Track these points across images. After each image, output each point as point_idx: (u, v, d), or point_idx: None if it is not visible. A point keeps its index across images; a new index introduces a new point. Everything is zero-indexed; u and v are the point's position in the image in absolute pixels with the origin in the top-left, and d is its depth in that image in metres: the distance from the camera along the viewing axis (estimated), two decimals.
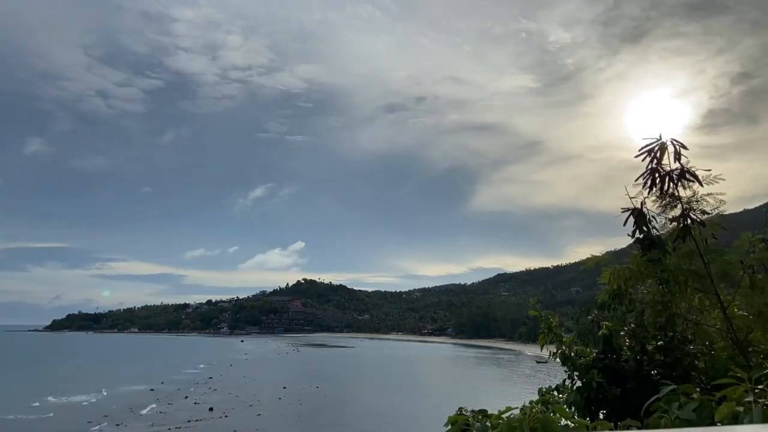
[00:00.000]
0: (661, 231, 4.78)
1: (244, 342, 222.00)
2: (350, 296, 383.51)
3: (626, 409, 4.74)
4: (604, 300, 5.46)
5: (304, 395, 66.32)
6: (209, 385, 76.16)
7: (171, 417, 51.43)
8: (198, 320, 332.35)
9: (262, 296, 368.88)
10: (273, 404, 59.77)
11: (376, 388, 74.05)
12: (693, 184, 4.47)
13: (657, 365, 5.13)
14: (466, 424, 3.28)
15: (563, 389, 5.63)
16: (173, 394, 66.47)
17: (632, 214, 4.73)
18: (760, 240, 4.47)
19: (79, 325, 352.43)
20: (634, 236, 4.78)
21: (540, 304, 6.23)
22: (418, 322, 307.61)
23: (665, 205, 4.58)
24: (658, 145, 4.50)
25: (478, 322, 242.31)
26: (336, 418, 51.45)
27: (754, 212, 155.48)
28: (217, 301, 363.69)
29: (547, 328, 5.95)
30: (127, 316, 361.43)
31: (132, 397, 62.81)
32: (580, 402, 5.21)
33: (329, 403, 60.86)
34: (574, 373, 5.48)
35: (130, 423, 48.87)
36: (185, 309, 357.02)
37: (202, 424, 48.26)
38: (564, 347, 5.76)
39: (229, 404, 58.73)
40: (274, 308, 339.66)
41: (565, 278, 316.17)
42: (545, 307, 6.42)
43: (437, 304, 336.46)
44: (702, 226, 4.44)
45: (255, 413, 53.73)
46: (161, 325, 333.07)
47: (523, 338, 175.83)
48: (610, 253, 5.54)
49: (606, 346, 5.45)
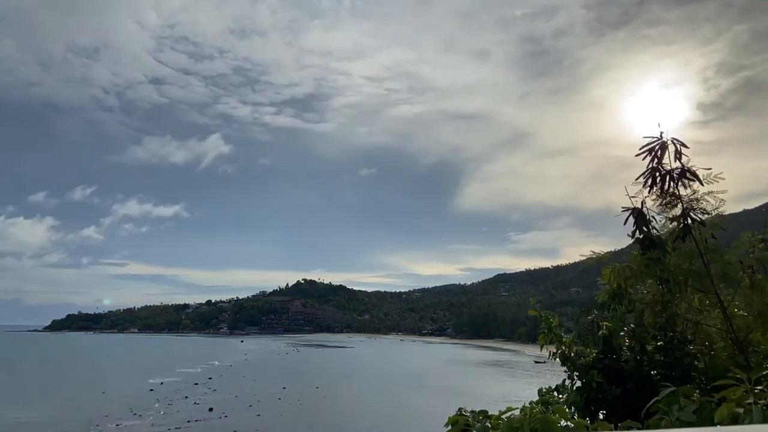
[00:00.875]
0: (661, 231, 4.77)
1: (243, 342, 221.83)
2: (350, 296, 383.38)
3: (626, 409, 4.73)
4: (604, 300, 5.45)
5: (304, 395, 66.33)
6: (209, 386, 76.13)
7: (171, 417, 51.42)
8: (198, 320, 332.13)
9: (262, 296, 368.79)
10: (273, 404, 59.76)
11: (376, 388, 74.06)
12: (693, 183, 4.47)
13: (657, 365, 5.13)
14: (466, 424, 3.27)
15: (563, 389, 5.63)
16: (173, 395, 66.44)
17: (632, 214, 4.72)
18: (759, 240, 4.47)
19: (78, 325, 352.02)
20: (634, 236, 4.77)
21: (540, 304, 6.22)
22: (418, 323, 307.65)
23: (665, 204, 4.57)
24: (659, 144, 4.49)
25: (478, 322, 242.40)
26: (336, 418, 51.45)
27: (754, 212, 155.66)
28: (217, 301, 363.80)
29: (546, 328, 5.95)
30: (127, 317, 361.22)
31: (132, 397, 62.77)
32: (580, 402, 5.21)
33: (329, 404, 60.86)
34: (574, 373, 5.47)
35: (129, 423, 48.84)
36: (185, 309, 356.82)
37: (202, 425, 48.26)
38: (564, 347, 5.75)
39: (229, 404, 58.73)
40: (273, 308, 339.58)
41: (564, 278, 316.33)
42: (545, 308, 6.41)
43: (437, 305, 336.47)
44: (702, 225, 4.43)
45: (255, 413, 53.72)
46: (161, 326, 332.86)
47: (523, 338, 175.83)
48: (610, 252, 5.53)
49: (606, 347, 5.44)
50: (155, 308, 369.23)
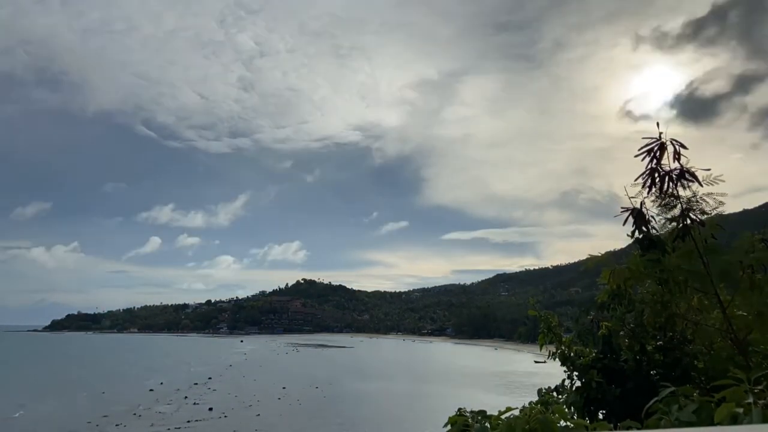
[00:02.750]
0: (660, 231, 4.77)
1: (243, 342, 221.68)
2: (350, 296, 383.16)
3: (626, 409, 4.73)
4: (604, 300, 5.46)
5: (304, 395, 66.32)
6: (209, 386, 76.12)
7: (170, 417, 51.41)
8: (197, 320, 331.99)
9: (262, 296, 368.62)
10: (272, 404, 59.75)
11: (376, 388, 74.03)
12: (692, 183, 4.46)
13: (656, 365, 5.14)
14: (465, 424, 3.27)
15: (563, 390, 5.63)
16: (173, 395, 66.42)
17: (631, 214, 4.71)
18: (759, 240, 4.47)
19: (78, 325, 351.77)
20: (634, 236, 4.77)
21: (540, 304, 6.23)
22: (418, 323, 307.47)
23: (665, 205, 4.57)
24: (658, 145, 4.49)
25: (478, 322, 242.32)
26: (335, 418, 51.42)
27: (754, 212, 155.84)
28: (217, 301, 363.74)
29: (546, 328, 5.96)
30: (127, 317, 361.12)
31: (131, 398, 62.78)
32: (579, 402, 5.21)
33: (328, 404, 60.84)
34: (574, 373, 5.48)
35: (129, 423, 48.82)
36: (185, 309, 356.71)
37: (202, 424, 48.23)
38: (563, 347, 5.76)
39: (229, 404, 58.72)
40: (273, 308, 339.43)
41: (564, 278, 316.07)
42: (545, 307, 6.43)
43: (437, 305, 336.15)
44: (702, 226, 4.43)
45: (254, 413, 53.70)
46: (161, 326, 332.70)
47: (523, 338, 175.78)
48: (609, 252, 5.52)
49: (605, 346, 5.45)
50: (155, 308, 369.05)
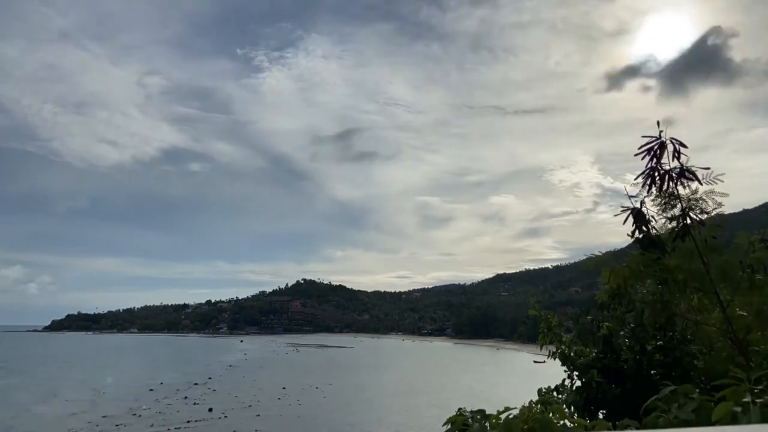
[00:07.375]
0: (660, 231, 4.76)
1: (243, 342, 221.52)
2: (350, 296, 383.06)
3: (626, 408, 4.73)
4: (604, 300, 5.46)
5: (304, 396, 66.27)
6: (208, 386, 76.07)
7: (170, 417, 51.36)
8: (197, 320, 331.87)
9: (262, 296, 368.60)
10: (272, 405, 59.70)
11: (376, 388, 74.02)
12: (692, 182, 4.46)
13: (656, 365, 5.14)
14: (465, 424, 3.26)
15: (563, 389, 5.63)
16: (172, 395, 66.36)
17: (631, 214, 4.71)
18: (759, 240, 4.47)
19: (78, 325, 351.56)
20: (633, 236, 4.76)
21: (540, 304, 6.24)
22: (418, 323, 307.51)
23: (665, 204, 4.56)
24: (658, 144, 4.49)
25: (478, 322, 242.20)
26: (336, 418, 51.41)
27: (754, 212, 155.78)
28: (217, 301, 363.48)
29: (546, 328, 5.96)
30: (127, 317, 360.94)
31: (131, 398, 62.74)
32: (579, 402, 5.22)
33: (329, 404, 60.80)
34: (574, 372, 5.48)
35: (129, 423, 48.78)
36: (184, 309, 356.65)
37: (202, 425, 48.20)
38: (564, 347, 5.76)
39: (229, 404, 58.67)
40: (273, 308, 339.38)
41: (564, 278, 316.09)
42: (545, 307, 6.43)
43: (437, 304, 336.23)
44: (702, 225, 4.43)
45: (254, 413, 53.67)
46: (160, 326, 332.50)
47: (523, 338, 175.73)
48: (609, 253, 5.52)
49: (606, 346, 5.45)
50: (155, 308, 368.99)
